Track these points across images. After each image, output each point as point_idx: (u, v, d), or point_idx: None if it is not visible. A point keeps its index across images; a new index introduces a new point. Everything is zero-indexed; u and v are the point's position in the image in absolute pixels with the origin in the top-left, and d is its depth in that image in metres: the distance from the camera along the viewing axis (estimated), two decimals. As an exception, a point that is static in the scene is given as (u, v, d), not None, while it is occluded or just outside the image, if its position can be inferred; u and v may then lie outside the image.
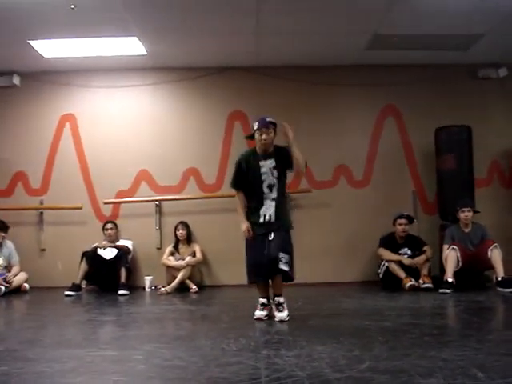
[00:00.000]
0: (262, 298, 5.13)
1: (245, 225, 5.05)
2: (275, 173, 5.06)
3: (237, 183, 5.19)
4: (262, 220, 5.04)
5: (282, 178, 5.11)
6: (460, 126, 7.61)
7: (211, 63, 7.99)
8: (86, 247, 7.52)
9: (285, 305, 5.03)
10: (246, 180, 5.12)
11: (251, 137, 5.16)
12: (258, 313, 5.04)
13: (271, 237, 4.98)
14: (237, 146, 8.01)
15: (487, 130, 7.99)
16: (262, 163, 5.07)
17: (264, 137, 5.00)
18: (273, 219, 5.03)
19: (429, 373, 3.04)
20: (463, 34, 7.04)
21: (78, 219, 8.03)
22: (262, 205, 5.06)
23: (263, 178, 5.05)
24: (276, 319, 4.94)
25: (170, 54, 7.65)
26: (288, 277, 5.01)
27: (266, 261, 4.93)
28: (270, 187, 5.06)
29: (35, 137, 8.15)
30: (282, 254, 4.91)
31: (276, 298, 5.05)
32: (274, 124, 5.09)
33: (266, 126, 5.02)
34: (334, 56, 7.80)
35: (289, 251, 5.01)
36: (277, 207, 5.05)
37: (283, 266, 4.90)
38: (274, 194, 5.06)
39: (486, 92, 8.21)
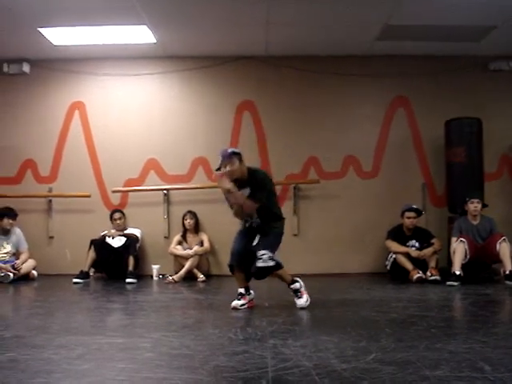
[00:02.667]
0: (240, 287, 5.20)
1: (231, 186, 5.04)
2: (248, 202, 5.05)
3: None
4: (247, 225, 5.19)
5: (260, 203, 5.05)
6: (470, 118, 7.56)
7: (221, 53, 7.96)
8: (94, 235, 7.54)
9: (302, 289, 5.12)
10: None
11: (219, 169, 5.17)
12: (234, 302, 5.10)
13: (256, 240, 5.07)
14: (245, 136, 8.04)
15: (498, 122, 7.94)
16: (241, 191, 5.06)
17: (228, 168, 5.03)
18: (259, 225, 5.13)
19: (435, 365, 3.04)
20: (476, 25, 6.97)
21: (87, 207, 8.05)
22: (245, 223, 5.22)
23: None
24: (297, 306, 5.04)
25: (180, 43, 7.63)
26: (272, 268, 5.01)
27: (244, 252, 5.09)
28: (250, 214, 5.12)
29: (44, 124, 8.17)
30: (261, 252, 4.95)
31: (290, 287, 5.15)
32: (238, 153, 5.09)
33: (228, 157, 5.04)
34: (345, 46, 7.75)
35: (270, 245, 5.02)
36: (261, 224, 5.12)
37: (261, 263, 4.93)
38: (256, 218, 5.13)
39: (497, 84, 8.14)
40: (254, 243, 5.05)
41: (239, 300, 5.13)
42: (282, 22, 6.85)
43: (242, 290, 5.19)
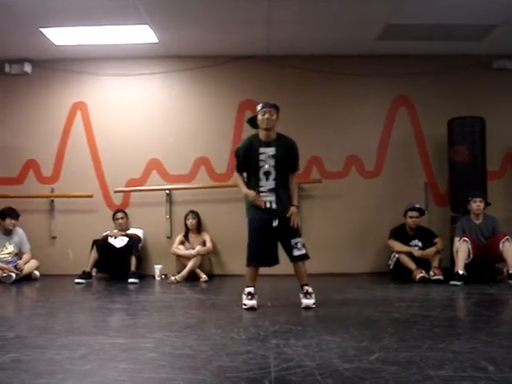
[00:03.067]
0: (249, 287, 5.13)
1: (251, 193, 5.08)
2: (272, 161, 5.08)
3: (239, 168, 5.28)
4: (266, 206, 5.08)
5: (279, 167, 5.10)
6: (473, 117, 7.55)
7: (222, 52, 7.96)
8: (96, 235, 7.54)
9: (313, 294, 5.10)
10: (248, 164, 5.18)
11: (252, 121, 5.17)
12: (250, 302, 5.04)
13: (276, 223, 5.03)
14: (247, 135, 7.98)
15: (501, 121, 7.93)
16: (261, 150, 5.10)
17: (267, 116, 5.02)
18: (274, 206, 5.07)
19: (439, 365, 3.03)
20: (477, 24, 6.96)
21: (89, 207, 8.05)
22: (259, 191, 5.10)
23: (260, 164, 5.10)
24: (302, 306, 5.03)
25: (181, 43, 7.63)
26: (305, 257, 5.13)
27: (272, 248, 5.05)
28: (267, 175, 5.09)
29: (46, 125, 8.17)
30: (294, 241, 5.03)
31: (305, 288, 5.13)
32: (277, 108, 5.12)
33: (269, 107, 5.07)
34: (346, 46, 7.75)
35: (299, 233, 5.14)
36: (277, 196, 5.09)
37: (298, 252, 5.04)
38: (271, 183, 5.09)
39: (500, 83, 8.12)
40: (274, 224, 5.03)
41: (251, 300, 5.04)
42: (284, 21, 6.85)
43: (251, 290, 5.12)
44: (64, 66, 8.13)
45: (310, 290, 5.10)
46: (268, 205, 5.08)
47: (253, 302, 5.03)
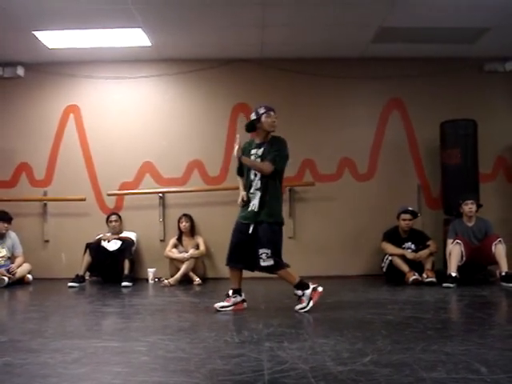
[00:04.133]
0: (231, 288, 5.17)
1: (240, 197, 5.17)
2: (259, 161, 5.10)
3: (238, 172, 5.33)
4: (249, 209, 5.09)
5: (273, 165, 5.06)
6: (465, 120, 7.59)
7: (216, 55, 7.97)
8: (89, 239, 7.53)
9: (304, 298, 5.04)
10: (243, 168, 5.24)
11: (252, 125, 5.17)
12: (217, 303, 5.13)
13: (251, 230, 5.03)
14: (241, 138, 7.99)
15: (493, 124, 7.97)
16: (253, 151, 5.16)
17: (275, 120, 5.10)
18: (256, 209, 5.05)
19: (432, 367, 3.03)
20: (469, 27, 7.00)
21: (82, 211, 8.03)
22: (250, 193, 5.11)
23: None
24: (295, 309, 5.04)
25: (175, 46, 7.63)
26: (273, 268, 5.02)
27: (245, 252, 5.06)
28: (255, 174, 5.10)
29: (39, 128, 8.16)
30: (261, 251, 4.94)
31: (295, 292, 5.10)
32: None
33: (274, 111, 5.13)
34: (340, 48, 7.77)
35: (270, 244, 4.97)
36: (261, 198, 5.06)
37: (263, 263, 4.95)
38: (258, 183, 5.08)
39: (492, 86, 8.17)
40: (250, 231, 5.04)
41: (223, 301, 5.12)
42: (277, 24, 6.87)
43: (229, 291, 5.14)
44: (57, 69, 8.12)
45: (299, 293, 5.05)
46: (252, 207, 5.07)
47: (217, 304, 5.12)
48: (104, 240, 7.52)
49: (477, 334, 3.92)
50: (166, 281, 7.20)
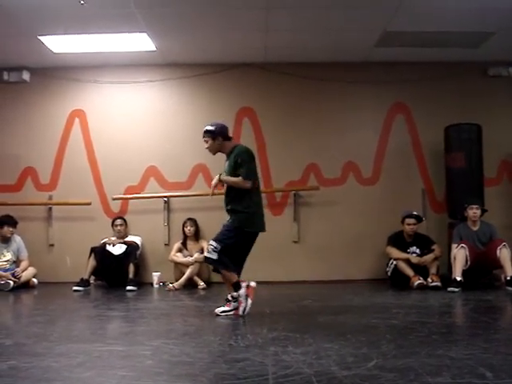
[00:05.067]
0: (229, 292, 5.13)
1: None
2: (224, 175, 5.27)
3: None
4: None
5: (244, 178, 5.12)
6: (470, 124, 7.58)
7: (220, 60, 7.98)
8: (94, 243, 7.54)
9: (241, 299, 5.01)
10: None
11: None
12: (218, 308, 5.11)
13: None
14: (245, 143, 7.99)
15: (497, 128, 7.96)
16: (225, 164, 5.32)
17: (206, 146, 5.28)
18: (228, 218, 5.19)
19: (436, 371, 3.02)
20: (474, 31, 7.00)
21: (87, 215, 8.05)
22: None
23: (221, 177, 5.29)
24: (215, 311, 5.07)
25: (180, 51, 7.65)
26: (213, 263, 5.09)
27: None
28: (226, 188, 5.27)
29: (45, 132, 8.18)
30: (211, 242, 5.03)
31: (229, 295, 5.10)
32: (212, 132, 5.21)
33: (204, 133, 5.25)
34: (344, 53, 7.77)
35: (220, 239, 5.02)
36: (227, 210, 5.20)
37: (207, 254, 5.05)
38: (225, 196, 5.27)
39: (496, 90, 8.16)
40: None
41: (223, 306, 5.08)
42: (281, 29, 6.88)
43: (228, 296, 5.09)
44: (62, 73, 8.15)
45: (229, 296, 5.06)
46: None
47: (217, 309, 5.10)
48: (109, 244, 7.53)
49: (482, 338, 3.91)
50: (170, 285, 7.20)
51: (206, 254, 5.10)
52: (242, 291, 5.01)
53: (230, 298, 5.08)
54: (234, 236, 5.05)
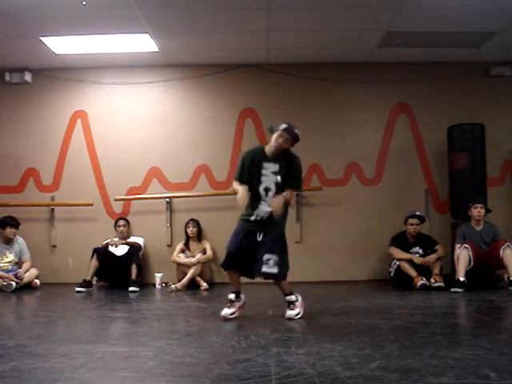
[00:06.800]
0: (232, 292, 5.01)
1: (241, 189, 4.88)
2: (275, 178, 4.95)
3: (239, 178, 5.05)
4: (253, 218, 4.93)
5: (280, 184, 4.94)
6: (472, 124, 7.57)
7: (223, 60, 7.98)
8: (96, 244, 7.54)
9: (297, 303, 4.99)
10: (249, 176, 5.01)
11: (271, 131, 5.02)
12: (223, 311, 4.95)
13: (260, 237, 4.89)
14: (248, 143, 7.99)
15: (500, 128, 7.94)
16: (265, 165, 4.97)
17: (280, 140, 4.90)
18: (264, 219, 4.93)
19: (440, 372, 3.02)
20: (476, 31, 6.98)
21: (89, 216, 8.05)
22: (257, 205, 4.94)
23: (262, 179, 4.95)
24: (286, 316, 4.91)
25: (182, 51, 7.65)
26: (276, 276, 4.88)
27: (248, 259, 4.89)
28: (267, 190, 4.94)
29: (47, 133, 8.19)
30: (267, 256, 4.79)
31: (286, 298, 5.01)
32: (296, 139, 5.03)
33: (289, 133, 4.94)
34: (346, 53, 7.77)
35: (278, 251, 4.86)
36: (271, 212, 4.90)
37: (266, 269, 4.77)
38: (270, 194, 4.94)
39: (498, 90, 8.14)
40: (259, 238, 4.89)
41: (229, 308, 4.96)
42: (283, 29, 6.87)
43: (232, 297, 4.99)
44: (64, 74, 8.15)
45: (293, 298, 4.99)
46: (258, 218, 4.93)
47: (225, 311, 4.94)
48: (111, 245, 7.53)
49: (485, 338, 3.90)
50: (173, 286, 7.20)
51: (265, 269, 4.76)
52: (299, 298, 5.06)
53: (233, 299, 4.98)
54: (285, 241, 5.00)
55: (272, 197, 4.91)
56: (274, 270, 4.79)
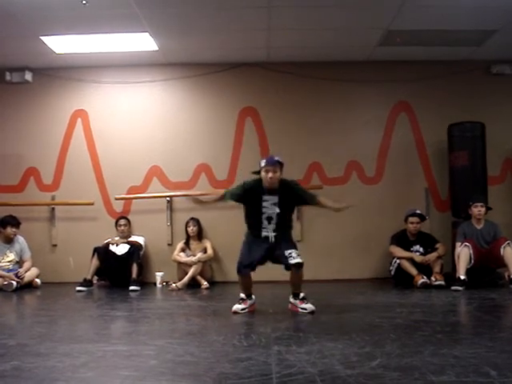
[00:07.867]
0: (243, 293, 5.29)
1: (212, 198, 5.63)
2: (276, 208, 5.19)
3: (230, 196, 5.42)
4: (262, 235, 5.25)
5: (282, 212, 5.22)
6: (473, 122, 7.56)
7: (223, 59, 7.97)
8: (97, 243, 7.53)
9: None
10: (246, 203, 5.35)
11: (258, 173, 5.26)
12: (235, 306, 5.18)
13: (273, 239, 5.21)
14: (248, 142, 8.04)
15: (500, 126, 7.93)
16: (265, 197, 5.21)
17: (270, 175, 5.11)
18: (273, 239, 5.23)
19: (441, 370, 3.02)
20: (476, 29, 6.97)
21: (90, 215, 8.05)
22: (260, 231, 5.24)
23: (263, 210, 5.21)
24: (306, 311, 5.07)
25: (182, 50, 7.64)
26: (302, 264, 5.11)
27: (259, 259, 5.20)
28: (269, 219, 5.21)
29: (47, 133, 8.18)
30: (288, 251, 5.09)
31: (301, 295, 5.20)
32: (281, 163, 5.21)
33: (273, 164, 5.14)
34: (347, 52, 7.76)
35: (293, 246, 5.23)
36: (277, 234, 5.22)
37: (293, 260, 5.04)
38: (273, 226, 5.22)
39: (499, 88, 8.12)
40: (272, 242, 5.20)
41: (240, 304, 5.20)
42: (284, 28, 6.86)
43: (243, 295, 5.26)
44: (64, 74, 8.15)
45: (305, 295, 5.24)
46: (266, 237, 5.23)
47: (237, 306, 5.18)
48: (112, 244, 7.53)
49: (486, 337, 3.90)
50: (173, 285, 7.20)
51: (293, 261, 5.03)
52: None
53: (244, 297, 5.26)
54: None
55: (274, 225, 5.21)
56: (300, 260, 5.07)
